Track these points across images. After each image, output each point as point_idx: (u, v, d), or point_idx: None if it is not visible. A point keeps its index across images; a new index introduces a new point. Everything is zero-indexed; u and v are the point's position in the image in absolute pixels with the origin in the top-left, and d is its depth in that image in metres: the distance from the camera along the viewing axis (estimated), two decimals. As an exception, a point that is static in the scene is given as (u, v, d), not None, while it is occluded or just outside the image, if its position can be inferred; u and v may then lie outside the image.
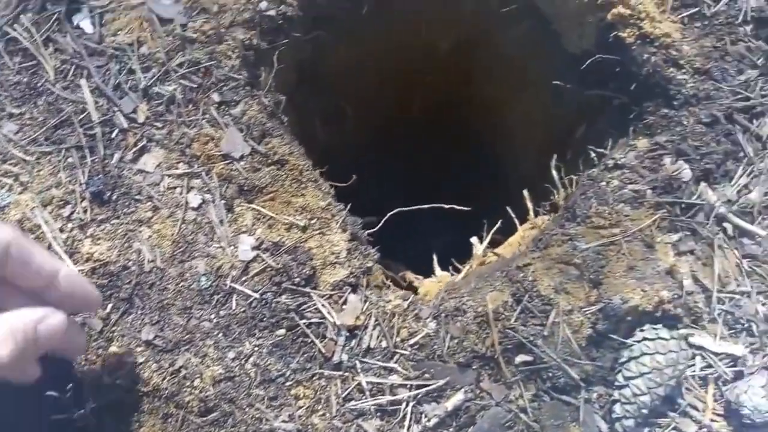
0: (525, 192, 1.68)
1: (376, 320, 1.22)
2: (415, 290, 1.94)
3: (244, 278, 1.25)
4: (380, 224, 1.60)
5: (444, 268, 1.88)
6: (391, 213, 1.58)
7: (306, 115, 1.90)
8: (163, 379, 1.18)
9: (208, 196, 1.29)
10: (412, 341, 1.20)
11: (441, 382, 1.17)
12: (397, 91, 2.08)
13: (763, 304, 1.20)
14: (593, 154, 1.46)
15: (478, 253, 1.53)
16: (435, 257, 1.92)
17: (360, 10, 1.60)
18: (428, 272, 1.94)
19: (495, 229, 1.61)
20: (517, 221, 1.64)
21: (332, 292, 1.24)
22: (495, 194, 2.28)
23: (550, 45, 1.66)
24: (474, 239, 1.77)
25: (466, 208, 1.59)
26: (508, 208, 1.65)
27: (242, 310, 1.23)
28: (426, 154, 2.49)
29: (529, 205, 1.66)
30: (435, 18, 1.82)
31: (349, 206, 1.35)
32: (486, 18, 1.74)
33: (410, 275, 2.13)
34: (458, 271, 1.73)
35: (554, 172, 1.57)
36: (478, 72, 1.99)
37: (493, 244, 1.74)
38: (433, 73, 2.01)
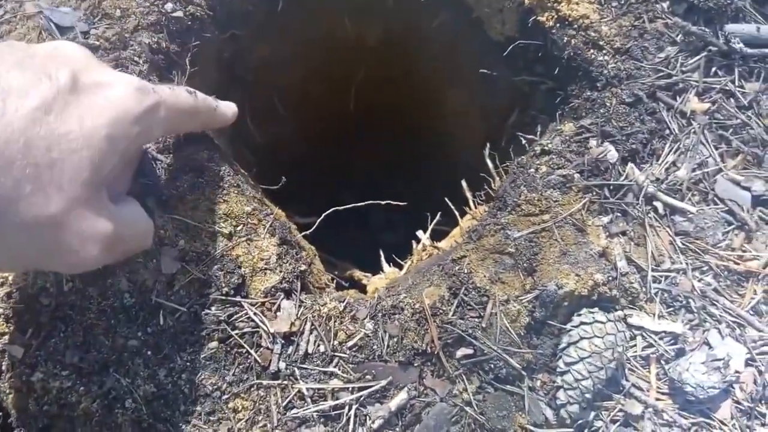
0: (463, 182, 1.67)
1: (312, 325, 1.18)
2: (363, 288, 1.92)
3: (169, 292, 1.19)
4: (315, 225, 1.56)
5: (394, 262, 1.85)
6: (326, 213, 1.54)
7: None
8: (93, 402, 1.12)
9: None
10: (350, 343, 1.16)
11: (383, 382, 1.13)
12: (329, 85, 2.04)
13: (699, 280, 1.21)
14: (524, 141, 1.45)
15: (418, 248, 1.51)
16: (381, 253, 1.89)
17: (275, 6, 1.55)
18: (377, 269, 1.92)
19: (435, 222, 1.59)
20: (456, 213, 1.63)
21: (264, 300, 1.19)
22: (438, 185, 2.27)
23: (474, 33, 1.65)
24: (420, 232, 1.75)
25: (402, 203, 1.56)
26: (446, 199, 1.63)
27: (170, 325, 1.17)
28: (365, 147, 2.45)
29: (468, 195, 1.65)
30: (358, 10, 1.78)
31: (287, 205, 1.31)
32: (409, 9, 1.71)
33: (358, 273, 2.10)
34: (401, 267, 1.71)
35: (488, 161, 1.56)
36: (408, 63, 1.97)
37: (443, 234, 1.72)
38: (363, 66, 1.98)
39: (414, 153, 2.38)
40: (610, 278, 1.17)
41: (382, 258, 1.90)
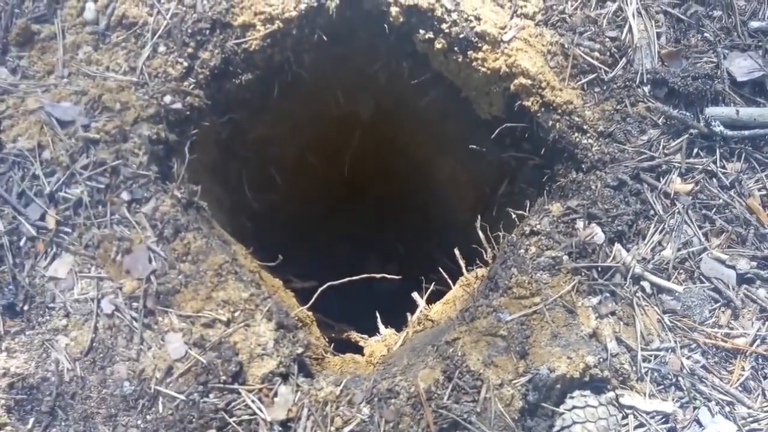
0: (456, 251, 1.71)
1: (309, 411, 1.19)
2: (361, 350, 1.93)
3: (168, 380, 1.21)
4: (313, 299, 1.59)
5: (391, 321, 1.88)
6: (322, 288, 1.57)
7: (237, 188, 1.89)
8: (89, 496, 1.13)
9: (121, 301, 1.25)
10: (346, 429, 1.17)
11: (379, 471, 1.14)
12: (324, 155, 2.09)
13: (688, 358, 1.24)
14: (513, 215, 1.49)
15: (413, 319, 1.54)
16: (378, 317, 1.92)
17: (271, 91, 1.60)
18: (374, 328, 1.94)
19: (428, 293, 1.63)
20: (450, 281, 1.67)
21: (262, 386, 1.21)
22: (432, 249, 2.31)
23: (462, 111, 1.71)
24: (415, 295, 1.79)
25: (396, 277, 1.60)
26: (440, 269, 1.67)
27: (169, 413, 1.19)
28: (359, 211, 2.50)
29: (462, 263, 1.68)
30: (352, 87, 1.84)
31: (285, 268, 1.34)
32: (400, 86, 1.78)
33: (355, 335, 2.12)
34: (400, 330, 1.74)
35: (480, 233, 1.60)
36: (400, 136, 2.03)
37: (440, 294, 1.75)
38: (356, 137, 2.04)
39: (405, 215, 2.42)
40: (601, 359, 1.19)
41: (379, 321, 1.92)
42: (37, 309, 1.26)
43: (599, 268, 1.27)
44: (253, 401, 1.19)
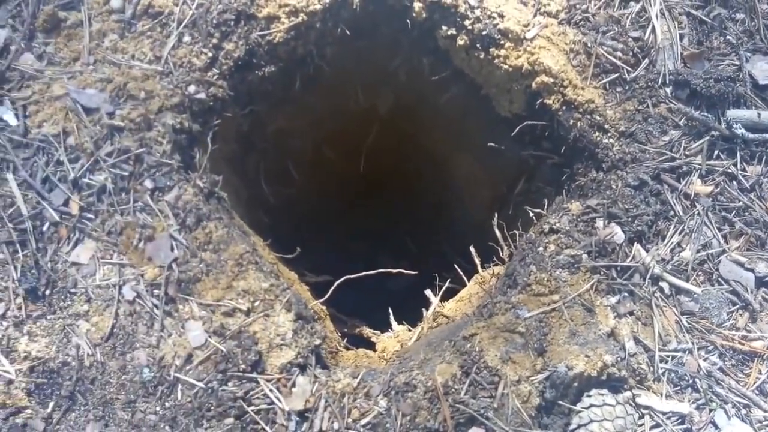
0: (471, 248, 1.71)
1: (326, 402, 1.20)
2: (372, 346, 1.94)
3: (188, 367, 1.22)
4: (329, 293, 1.60)
5: (403, 317, 1.89)
6: (339, 282, 1.58)
7: (255, 180, 1.90)
8: (109, 480, 1.14)
9: (143, 288, 1.26)
10: (363, 421, 1.18)
11: (395, 462, 1.15)
12: (341, 150, 2.10)
13: (705, 360, 1.24)
14: (531, 214, 1.50)
15: (428, 315, 1.54)
16: (391, 312, 1.93)
17: (293, 84, 1.61)
18: (386, 324, 1.95)
19: (442, 290, 1.63)
20: (465, 278, 1.67)
21: (280, 376, 1.22)
22: (448, 245, 2.32)
23: (482, 108, 1.71)
24: (428, 292, 1.79)
25: (412, 272, 1.60)
26: (455, 266, 1.67)
27: (188, 400, 1.20)
28: (375, 206, 2.50)
29: (477, 260, 1.69)
30: (372, 82, 1.85)
31: (299, 262, 1.35)
32: (420, 82, 1.78)
33: (368, 331, 2.13)
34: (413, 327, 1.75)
35: (497, 231, 1.60)
36: (419, 132, 2.03)
37: (453, 292, 1.76)
38: (374, 132, 2.04)
39: (421, 211, 2.43)
40: (619, 359, 1.20)
41: (392, 317, 1.93)
42: (59, 294, 1.27)
43: (618, 268, 1.28)
44: (271, 390, 1.20)
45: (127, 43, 1.44)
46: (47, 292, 1.26)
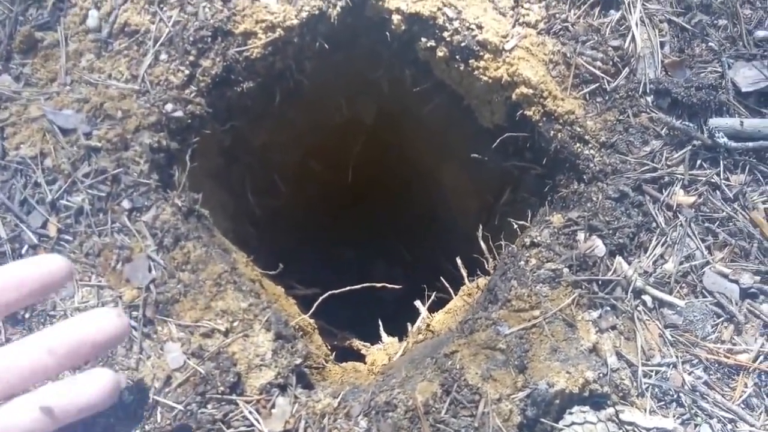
0: (458, 260, 1.70)
1: (306, 423, 1.19)
2: (363, 358, 1.93)
3: (167, 389, 1.21)
4: (313, 309, 1.59)
5: (395, 327, 1.88)
6: (323, 297, 1.58)
7: (241, 194, 1.89)
8: (87, 508, 1.13)
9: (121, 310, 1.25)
10: (343, 443, 1.17)
11: (375, 485, 1.14)
12: (328, 163, 2.10)
13: (690, 374, 1.22)
14: (515, 226, 1.49)
15: (413, 330, 1.53)
16: (381, 324, 1.92)
17: (273, 99, 1.60)
18: (375, 335, 1.94)
19: (429, 303, 1.62)
20: (451, 290, 1.66)
21: (259, 397, 1.21)
22: (436, 257, 2.31)
23: (465, 119, 1.70)
24: (417, 303, 1.78)
25: (396, 286, 1.59)
26: (442, 278, 1.66)
27: (167, 423, 1.19)
28: (362, 216, 2.50)
29: (463, 272, 1.68)
30: (355, 93, 1.84)
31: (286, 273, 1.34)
32: (402, 94, 1.77)
33: (357, 343, 2.12)
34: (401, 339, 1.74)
35: (482, 243, 1.59)
36: (404, 143, 2.02)
37: (443, 303, 1.75)
38: (359, 142, 2.04)
39: (409, 222, 2.42)
40: (601, 375, 1.18)
41: (381, 329, 1.92)
42: (38, 317, 1.26)
43: (600, 282, 1.26)
44: (250, 412, 1.19)
45: (104, 62, 1.43)
46: (26, 316, 1.25)
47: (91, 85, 1.40)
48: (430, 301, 1.64)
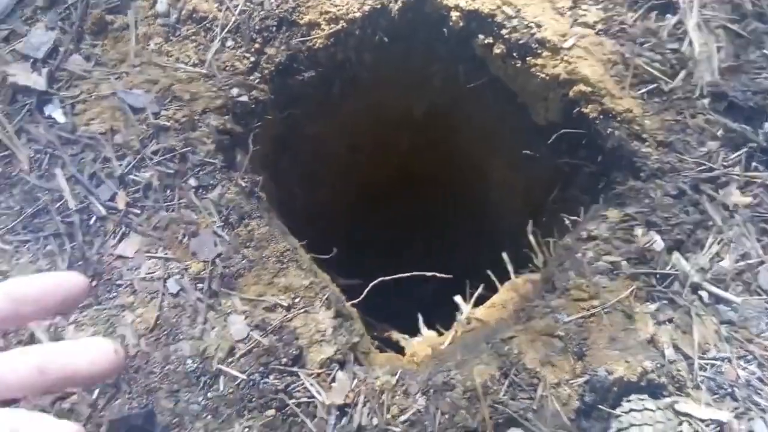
0: (504, 255, 1.72)
1: (366, 398, 1.21)
2: (401, 351, 1.95)
3: (230, 360, 1.24)
4: (363, 295, 1.61)
5: (430, 324, 1.89)
6: (374, 283, 1.60)
7: (287, 183, 1.92)
8: (152, 468, 1.15)
9: (187, 282, 1.28)
10: (402, 418, 1.19)
11: (433, 461, 1.16)
12: (375, 155, 2.13)
13: (744, 369, 1.24)
14: (567, 221, 1.51)
15: (461, 318, 1.55)
16: (420, 318, 1.93)
17: (331, 88, 1.64)
18: (415, 329, 1.95)
19: (476, 295, 1.64)
20: (498, 283, 1.68)
21: (320, 371, 1.24)
22: (478, 252, 2.33)
23: (517, 116, 1.73)
24: (458, 298, 1.79)
25: (447, 276, 1.61)
26: (489, 272, 1.68)
27: (230, 391, 1.22)
28: (406, 211, 2.52)
29: (510, 267, 1.70)
30: (407, 88, 1.88)
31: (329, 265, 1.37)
32: (454, 90, 1.81)
33: (396, 335, 2.13)
34: (441, 334, 1.75)
35: (531, 238, 1.61)
36: (453, 139, 2.05)
37: (481, 299, 1.76)
38: (408, 137, 2.07)
39: (453, 218, 2.45)
40: (659, 365, 1.20)
41: (421, 321, 1.93)
42: (105, 286, 1.29)
43: (658, 275, 1.28)
44: (312, 385, 1.21)
45: (172, 46, 1.47)
46: (93, 284, 1.29)
47: (160, 68, 1.44)
48: (476, 294, 1.65)
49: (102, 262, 1.30)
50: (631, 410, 1.15)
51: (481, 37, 1.58)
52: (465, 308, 1.69)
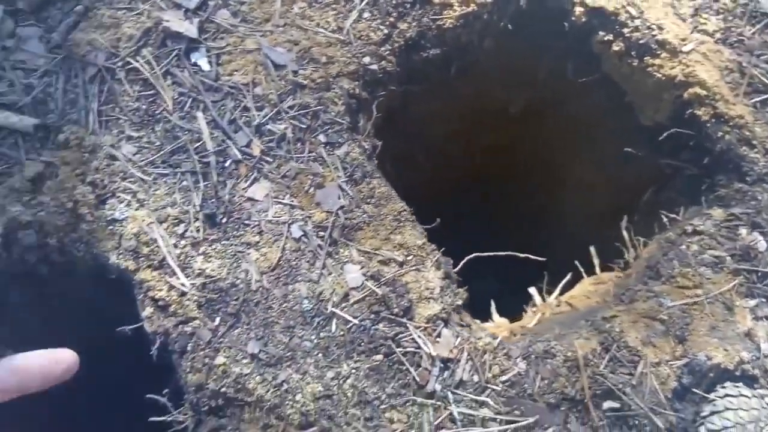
0: (592, 249, 1.77)
1: (469, 355, 1.28)
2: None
3: (344, 304, 1.32)
4: (458, 267, 1.68)
5: (500, 312, 1.95)
6: (469, 257, 1.66)
7: (380, 157, 2.01)
8: (267, 391, 1.24)
9: (309, 228, 1.37)
10: (503, 378, 1.26)
11: (530, 419, 1.22)
12: (464, 144, 2.20)
13: (836, 371, 1.28)
14: (665, 219, 1.56)
15: (551, 301, 1.61)
16: (493, 304, 1.99)
17: (449, 69, 1.73)
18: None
19: (564, 282, 1.70)
20: (584, 273, 1.73)
21: (427, 325, 1.31)
22: (551, 247, 2.37)
23: (620, 115, 1.78)
24: (532, 290, 1.85)
25: (541, 258, 1.67)
26: (576, 263, 1.74)
27: (341, 333, 1.30)
28: (490, 204, 2.57)
29: (596, 261, 1.75)
30: (510, 81, 1.95)
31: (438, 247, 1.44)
32: (558, 85, 1.87)
33: (468, 319, 2.20)
34: (515, 319, 1.81)
35: (625, 233, 1.67)
36: (543, 134, 2.11)
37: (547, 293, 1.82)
38: (499, 132, 2.14)
39: (532, 213, 2.49)
40: (754, 357, 1.25)
41: (493, 308, 1.99)
42: (234, 224, 1.39)
43: (759, 273, 1.33)
44: (419, 336, 1.29)
45: (314, 12, 1.57)
46: (223, 220, 1.39)
47: (302, 30, 1.55)
48: (564, 281, 1.70)
49: (233, 202, 1.40)
50: (727, 395, 1.20)
51: (601, 33, 1.64)
52: (542, 295, 1.74)
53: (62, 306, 1.57)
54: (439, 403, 1.25)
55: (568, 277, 1.68)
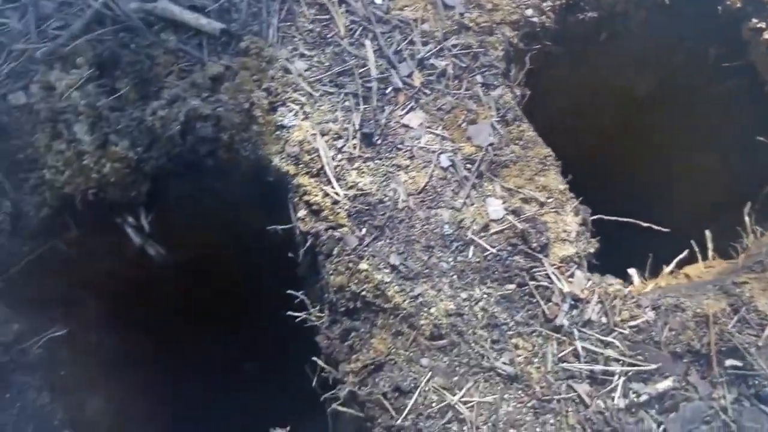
0: (707, 232, 1.79)
1: (599, 298, 1.34)
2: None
3: (483, 234, 1.40)
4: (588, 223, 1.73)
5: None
6: (593, 218, 1.71)
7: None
8: (404, 300, 1.33)
9: (458, 159, 1.45)
10: (631, 323, 1.31)
11: (652, 366, 1.28)
12: (582, 122, 2.23)
13: None
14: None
15: (667, 271, 1.64)
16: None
17: (599, 35, 1.77)
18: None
19: (681, 257, 1.72)
20: (699, 255, 1.75)
21: (561, 264, 1.38)
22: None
23: (755, 106, 1.79)
24: (632, 270, 1.88)
25: (665, 230, 1.70)
26: (692, 242, 1.76)
27: (477, 260, 1.38)
28: (605, 182, 2.57)
29: (710, 244, 1.77)
30: (646, 60, 1.97)
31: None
32: (693, 70, 1.89)
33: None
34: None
35: (747, 218, 1.68)
36: (672, 118, 2.13)
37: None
38: (629, 113, 2.16)
39: (640, 198, 2.49)
40: None
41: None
42: (388, 146, 1.48)
43: None
44: (553, 273, 1.36)
45: (484, -39, 1.65)
46: (378, 142, 1.48)
47: (472, -23, 1.62)
48: (681, 256, 1.72)
49: (389, 126, 1.49)
50: None
51: (754, 20, 1.66)
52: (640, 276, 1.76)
53: (212, 203, 1.68)
54: (564, 337, 1.32)
55: (685, 253, 1.70)
